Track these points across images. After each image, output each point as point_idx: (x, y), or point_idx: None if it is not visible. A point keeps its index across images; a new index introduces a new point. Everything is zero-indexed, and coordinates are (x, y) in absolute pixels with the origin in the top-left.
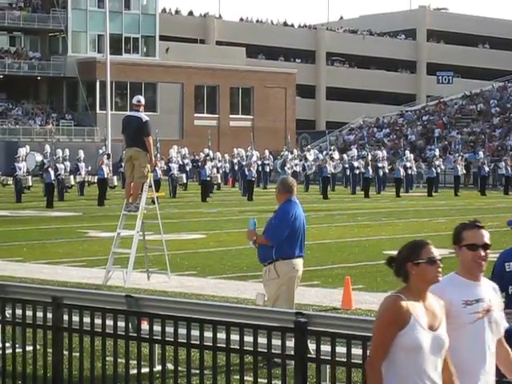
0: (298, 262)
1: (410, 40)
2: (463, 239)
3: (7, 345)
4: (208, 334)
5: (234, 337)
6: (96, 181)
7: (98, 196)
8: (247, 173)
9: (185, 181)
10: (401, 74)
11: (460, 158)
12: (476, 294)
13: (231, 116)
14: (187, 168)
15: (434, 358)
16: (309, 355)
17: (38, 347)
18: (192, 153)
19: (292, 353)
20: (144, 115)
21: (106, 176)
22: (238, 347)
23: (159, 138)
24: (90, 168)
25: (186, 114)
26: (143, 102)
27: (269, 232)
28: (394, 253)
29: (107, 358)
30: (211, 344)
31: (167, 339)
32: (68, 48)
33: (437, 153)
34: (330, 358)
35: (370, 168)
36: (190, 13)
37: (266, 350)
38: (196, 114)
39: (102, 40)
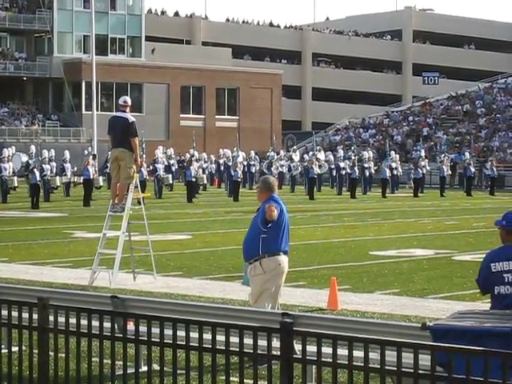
0: (284, 259)
1: (396, 41)
2: None
3: None
4: (194, 335)
5: (220, 337)
6: (82, 181)
7: (83, 197)
8: (233, 173)
9: (171, 181)
10: (387, 75)
11: (446, 158)
12: None
13: (217, 117)
14: (173, 169)
15: None
16: (295, 356)
17: (23, 348)
18: (178, 153)
19: (278, 353)
20: (130, 116)
21: (91, 177)
22: (224, 348)
23: (145, 139)
24: (75, 169)
25: (171, 115)
26: (129, 102)
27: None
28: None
29: (93, 359)
30: (197, 344)
31: (153, 340)
32: (54, 48)
33: (422, 153)
34: (315, 358)
35: (356, 168)
36: (176, 13)
37: (251, 351)
38: (182, 115)
39: (88, 40)
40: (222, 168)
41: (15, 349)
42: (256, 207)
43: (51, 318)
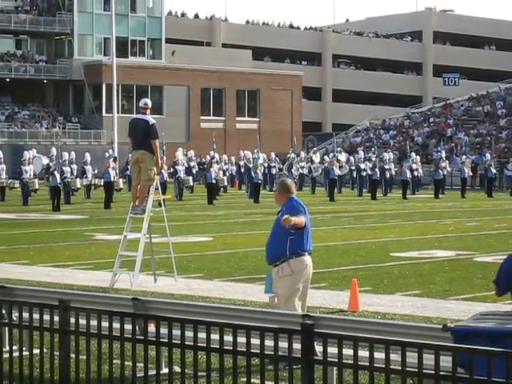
0: (309, 259)
1: (416, 42)
2: None
3: (14, 348)
4: (215, 337)
5: (241, 339)
6: (102, 184)
7: (104, 199)
8: (253, 175)
9: (191, 183)
10: (407, 76)
11: (467, 159)
12: None
13: (237, 118)
14: (193, 171)
15: None
16: (315, 357)
17: (44, 350)
18: (198, 155)
19: (299, 355)
20: (151, 118)
21: (112, 179)
22: (245, 349)
23: (165, 141)
24: (96, 171)
25: (192, 117)
26: (150, 104)
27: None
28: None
29: (114, 361)
30: (218, 346)
31: (174, 342)
32: (74, 51)
33: (443, 154)
34: (336, 360)
35: (377, 170)
36: (196, 15)
37: (272, 353)
38: (202, 117)
39: (108, 43)
40: (243, 170)
41: (36, 351)
42: (277, 209)
43: (72, 320)
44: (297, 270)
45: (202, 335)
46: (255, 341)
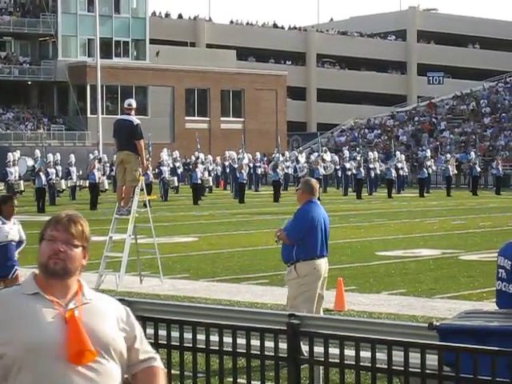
0: (320, 263)
1: (400, 41)
2: None
3: None
4: (201, 337)
5: (227, 339)
6: (87, 185)
7: (89, 200)
8: (238, 175)
9: (176, 184)
10: (391, 75)
11: (452, 158)
12: None
13: (222, 119)
14: (179, 171)
15: None
16: (302, 357)
17: None
18: (183, 156)
19: (285, 355)
20: (135, 118)
21: (97, 180)
22: (231, 349)
23: (151, 142)
24: (81, 172)
25: (176, 117)
26: (134, 105)
27: (287, 230)
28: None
29: None
30: (204, 347)
31: (160, 342)
32: (58, 52)
33: (428, 153)
34: (323, 359)
35: (361, 169)
36: (180, 16)
37: (259, 352)
38: (187, 117)
39: (92, 44)
40: (228, 170)
41: None
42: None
43: None
44: (302, 274)
45: (188, 335)
46: (241, 340)
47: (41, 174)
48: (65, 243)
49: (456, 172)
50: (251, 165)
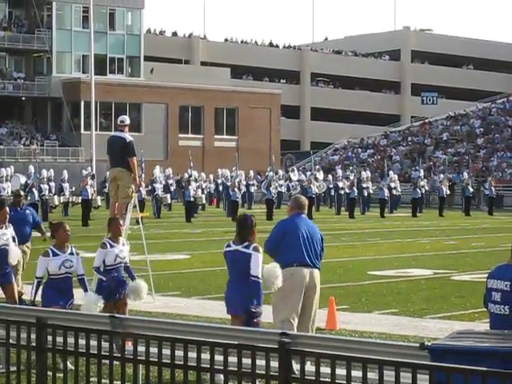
0: (299, 270)
1: (395, 61)
2: None
3: None
4: (192, 355)
5: (218, 357)
6: (80, 201)
7: (81, 216)
8: (231, 193)
9: (169, 201)
10: (385, 95)
11: (445, 178)
12: None
13: (216, 136)
14: (171, 188)
15: None
16: (293, 375)
17: (21, 368)
18: (176, 173)
19: (276, 373)
20: (128, 135)
21: (90, 197)
22: (222, 367)
23: (144, 159)
24: (74, 188)
25: (170, 135)
26: (127, 122)
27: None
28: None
29: (91, 379)
30: (195, 364)
31: (151, 359)
32: (52, 68)
33: (421, 173)
34: (314, 378)
35: (354, 188)
36: (175, 33)
37: (250, 370)
38: (180, 135)
39: (87, 60)
40: (221, 188)
41: (13, 368)
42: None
43: (50, 338)
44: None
45: (179, 353)
46: (233, 359)
47: (33, 189)
48: None
49: (449, 192)
50: (244, 183)
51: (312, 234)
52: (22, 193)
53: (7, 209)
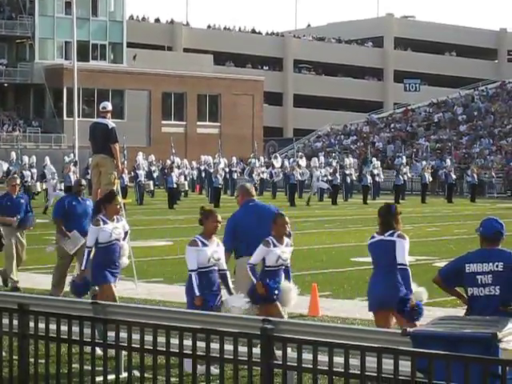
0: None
1: (378, 47)
2: None
3: None
4: (174, 341)
5: (201, 343)
6: (62, 188)
7: None
8: (214, 180)
9: (152, 188)
10: (368, 82)
11: (427, 165)
12: None
13: (198, 123)
14: (154, 175)
15: None
16: (275, 362)
17: (3, 354)
18: (159, 160)
19: (258, 359)
20: (110, 122)
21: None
22: (204, 353)
23: (126, 145)
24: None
25: (153, 121)
26: (109, 108)
27: None
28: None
29: (73, 365)
30: (177, 350)
31: (133, 346)
32: (35, 55)
33: (404, 160)
34: (296, 364)
35: (337, 175)
36: (157, 20)
37: (232, 357)
38: (163, 121)
39: (70, 47)
40: (203, 174)
41: None
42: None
43: (32, 324)
44: (236, 273)
45: (161, 339)
46: (215, 345)
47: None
48: None
49: (431, 179)
50: (227, 169)
51: (266, 217)
52: (83, 182)
53: (119, 198)
